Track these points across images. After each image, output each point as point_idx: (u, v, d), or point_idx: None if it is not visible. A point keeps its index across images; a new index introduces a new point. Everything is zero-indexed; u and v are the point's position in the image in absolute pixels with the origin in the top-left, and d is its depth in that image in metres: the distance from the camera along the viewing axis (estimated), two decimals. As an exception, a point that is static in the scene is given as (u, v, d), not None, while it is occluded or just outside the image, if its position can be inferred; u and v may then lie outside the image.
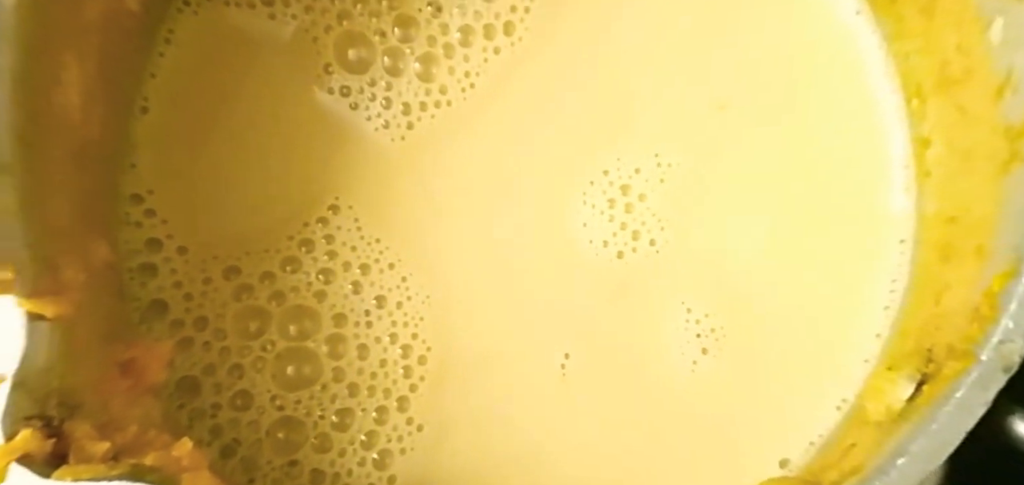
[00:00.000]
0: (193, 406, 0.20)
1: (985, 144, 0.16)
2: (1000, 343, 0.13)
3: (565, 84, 0.22)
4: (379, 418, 0.20)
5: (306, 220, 0.21)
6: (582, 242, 0.21)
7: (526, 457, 0.20)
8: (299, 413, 0.20)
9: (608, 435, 0.20)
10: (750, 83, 0.22)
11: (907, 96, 0.20)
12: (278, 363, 0.20)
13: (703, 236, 0.21)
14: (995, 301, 0.14)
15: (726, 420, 0.20)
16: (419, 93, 0.22)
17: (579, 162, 0.21)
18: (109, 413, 0.15)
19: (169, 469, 0.14)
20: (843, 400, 0.19)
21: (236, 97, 0.22)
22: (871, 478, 0.13)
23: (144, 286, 0.21)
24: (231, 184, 0.21)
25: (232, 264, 0.21)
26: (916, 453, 0.13)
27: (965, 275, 0.16)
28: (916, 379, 0.15)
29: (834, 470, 0.15)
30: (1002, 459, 0.14)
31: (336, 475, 0.20)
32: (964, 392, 0.13)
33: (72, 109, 0.17)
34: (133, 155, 0.21)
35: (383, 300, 0.21)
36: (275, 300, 0.21)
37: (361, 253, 0.21)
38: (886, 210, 0.20)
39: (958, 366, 0.13)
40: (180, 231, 0.21)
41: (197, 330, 0.21)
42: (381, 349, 0.20)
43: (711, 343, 0.20)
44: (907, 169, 0.20)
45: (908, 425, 0.14)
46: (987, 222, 0.15)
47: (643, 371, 0.20)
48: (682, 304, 0.21)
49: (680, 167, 0.21)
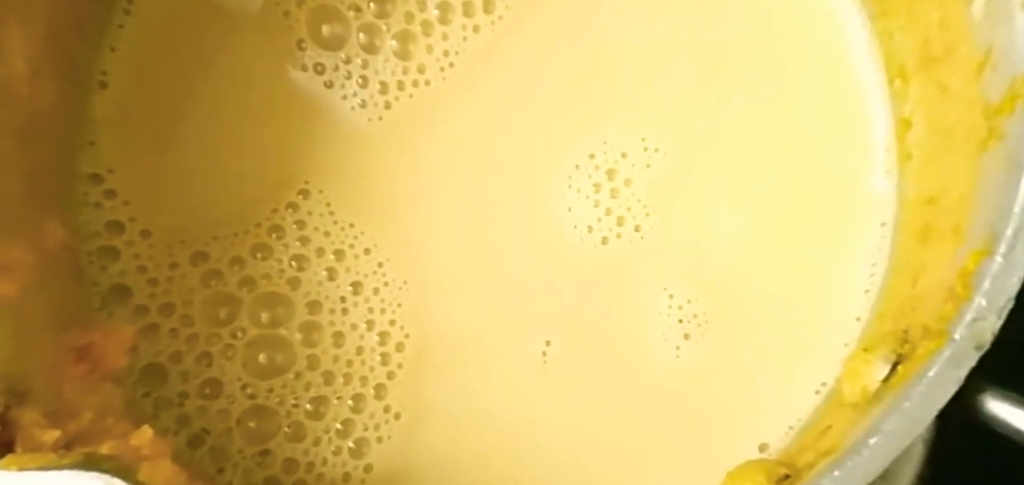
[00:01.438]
0: (159, 395, 0.19)
1: (964, 123, 0.16)
2: (973, 321, 0.13)
3: (548, 64, 0.21)
4: (355, 406, 0.20)
5: (275, 206, 0.20)
6: (567, 227, 0.21)
7: (507, 444, 0.20)
8: (272, 402, 0.20)
9: (588, 421, 0.20)
10: (736, 66, 0.21)
11: (890, 76, 0.20)
12: (249, 351, 0.20)
13: (687, 222, 0.21)
14: (969, 280, 0.14)
15: (706, 405, 0.20)
16: (396, 72, 0.21)
17: (564, 145, 0.21)
18: (61, 400, 0.14)
19: (127, 458, 0.13)
20: (822, 384, 0.19)
21: (203, 74, 0.21)
22: (844, 458, 0.13)
23: (105, 270, 0.20)
24: (198, 165, 0.21)
25: (200, 249, 0.20)
26: (888, 432, 0.13)
27: (942, 256, 0.16)
28: (891, 360, 0.15)
29: (810, 451, 0.15)
30: (979, 439, 0.14)
31: (310, 464, 0.19)
32: (937, 371, 0.13)
33: (18, 79, 0.16)
34: (92, 132, 0.20)
35: (359, 286, 0.20)
36: (246, 286, 0.20)
37: (335, 238, 0.20)
38: (868, 194, 0.20)
39: (932, 345, 0.14)
40: (143, 213, 0.20)
41: (163, 316, 0.20)
42: (358, 336, 0.20)
43: (693, 329, 0.20)
44: (889, 152, 0.20)
45: (882, 405, 0.14)
46: (965, 202, 0.15)
47: (625, 357, 0.20)
48: (665, 290, 0.21)
49: (667, 153, 0.21)
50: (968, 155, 0.16)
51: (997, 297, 0.13)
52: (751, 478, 0.15)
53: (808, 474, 0.14)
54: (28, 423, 0.12)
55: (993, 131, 0.15)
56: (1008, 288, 0.13)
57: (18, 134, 0.16)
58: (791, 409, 0.19)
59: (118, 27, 0.21)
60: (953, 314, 0.14)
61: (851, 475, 0.13)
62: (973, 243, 0.15)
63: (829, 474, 0.13)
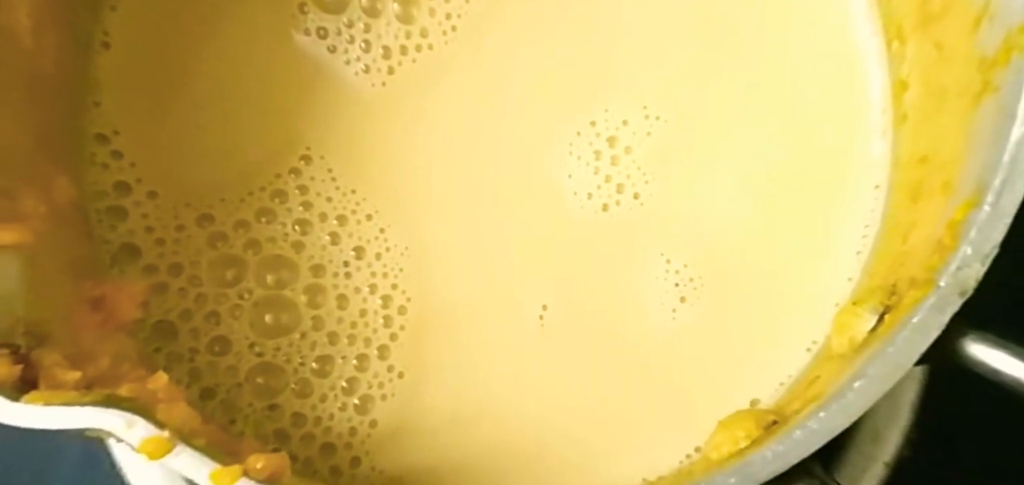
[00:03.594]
0: (170, 350, 0.20)
1: (959, 80, 0.16)
2: (958, 269, 0.14)
3: (551, 30, 0.21)
4: (359, 365, 0.20)
5: (278, 171, 0.20)
6: (567, 194, 0.21)
7: (505, 404, 0.20)
8: (278, 359, 0.20)
9: (585, 382, 0.20)
10: (736, 33, 0.21)
11: (888, 38, 0.20)
12: (256, 311, 0.20)
13: (686, 189, 0.21)
14: (957, 230, 0.14)
15: (700, 365, 0.20)
16: (399, 36, 0.21)
17: (565, 112, 0.21)
18: (79, 346, 0.14)
19: (144, 399, 0.13)
20: (813, 342, 0.20)
21: (205, 36, 0.21)
22: (829, 402, 0.13)
23: (114, 229, 0.20)
24: (201, 129, 0.21)
25: (206, 211, 0.20)
26: (872, 375, 0.13)
27: (932, 212, 0.16)
28: (879, 311, 0.15)
29: (798, 400, 0.16)
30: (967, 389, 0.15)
31: (317, 418, 0.20)
32: (921, 316, 0.13)
33: (22, 32, 0.16)
34: (96, 93, 0.20)
35: (362, 251, 0.21)
36: (251, 249, 0.20)
37: (337, 204, 0.21)
38: (863, 156, 0.20)
39: (918, 294, 0.14)
40: (149, 175, 0.20)
41: (172, 276, 0.20)
42: (361, 299, 0.20)
43: (689, 292, 0.21)
44: (885, 114, 0.20)
45: (868, 352, 0.14)
46: (956, 159, 0.16)
47: (622, 320, 0.21)
48: (662, 256, 0.21)
49: (667, 121, 0.21)
50: (961, 112, 0.16)
51: (983, 244, 0.14)
52: (741, 425, 0.16)
53: (795, 419, 0.14)
54: (50, 364, 0.13)
55: (987, 84, 0.15)
56: (994, 236, 0.14)
57: (26, 87, 0.16)
58: (782, 367, 0.20)
59: (118, -13, 0.20)
60: (940, 264, 0.14)
61: (835, 416, 0.13)
62: (962, 196, 0.15)
63: (814, 415, 0.13)
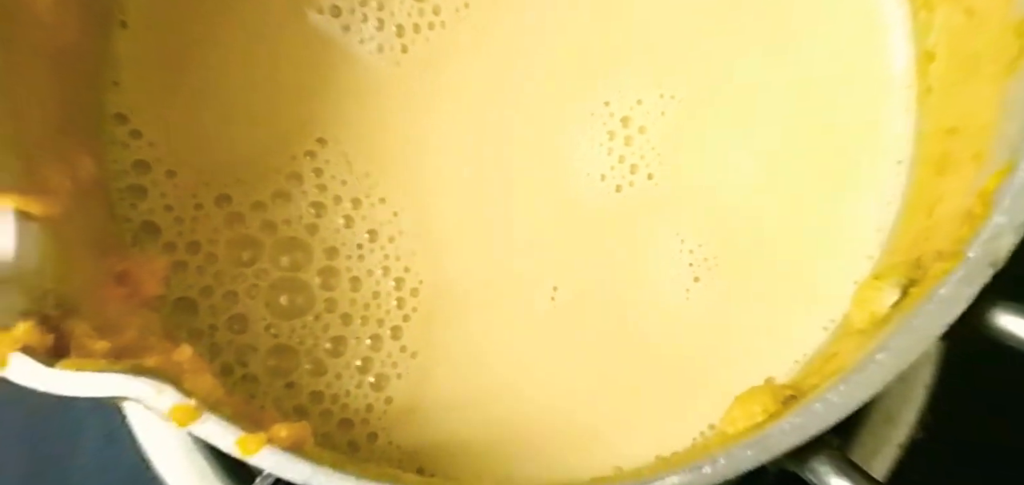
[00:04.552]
0: (191, 326, 0.20)
1: (992, 46, 0.15)
2: (989, 239, 0.13)
3: (565, 9, 0.21)
4: (373, 345, 0.20)
5: (293, 153, 0.21)
6: (580, 174, 0.21)
7: (519, 384, 0.20)
8: (293, 341, 0.20)
9: (598, 362, 0.20)
10: (753, 10, 0.21)
11: (914, 8, 0.20)
12: (272, 292, 0.20)
13: (701, 168, 0.21)
14: (989, 199, 0.14)
15: (714, 345, 0.20)
16: (412, 13, 0.21)
17: (579, 92, 0.21)
18: (106, 318, 0.15)
19: (171, 371, 0.14)
20: (831, 320, 0.20)
21: (220, 17, 0.21)
22: (850, 375, 0.13)
23: (135, 207, 0.20)
24: (217, 108, 0.21)
25: (223, 191, 0.21)
26: (896, 348, 0.13)
27: (960, 184, 0.16)
28: (903, 285, 0.15)
29: (816, 375, 0.16)
30: (989, 368, 0.14)
31: (334, 396, 0.20)
32: (948, 289, 0.13)
33: (44, 8, 0.16)
34: (115, 72, 0.20)
35: (375, 234, 0.21)
36: (267, 230, 0.20)
37: (352, 187, 0.21)
38: (886, 132, 0.20)
39: (945, 266, 0.13)
40: (167, 154, 0.20)
41: (190, 254, 0.20)
42: (374, 281, 0.20)
43: (703, 272, 0.21)
44: (909, 89, 0.20)
45: (890, 325, 0.14)
46: (988, 128, 0.15)
47: (634, 301, 0.21)
48: (677, 235, 0.21)
49: (682, 99, 0.21)
50: (994, 78, 0.15)
51: (1017, 213, 0.13)
52: (758, 400, 0.15)
53: (813, 392, 0.14)
54: (80, 334, 0.13)
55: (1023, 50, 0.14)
56: None
57: (49, 63, 0.16)
58: (799, 345, 0.20)
59: (135, -34, 0.21)
60: (969, 235, 0.13)
61: (855, 390, 0.13)
62: (994, 165, 0.14)
63: (834, 388, 0.13)
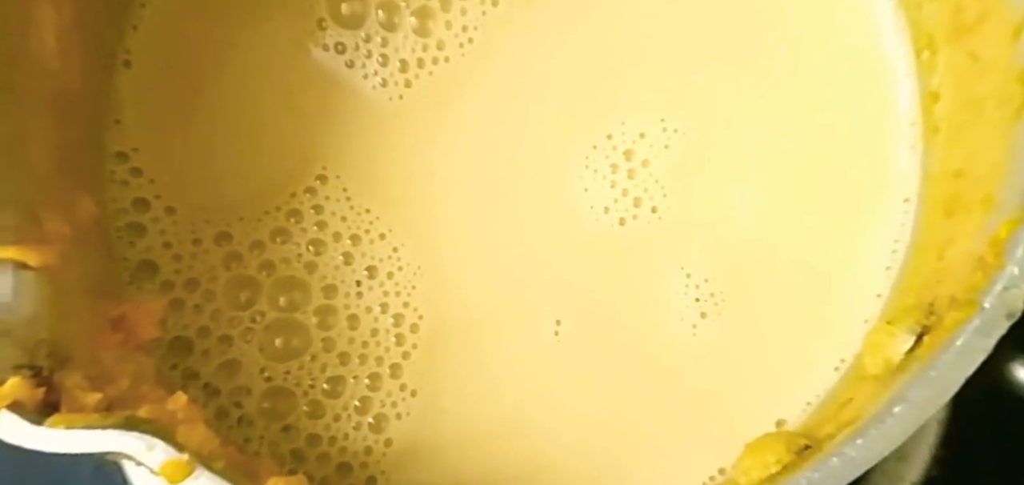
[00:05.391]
0: (186, 366, 0.20)
1: (997, 92, 0.16)
2: (1004, 290, 0.13)
3: (567, 41, 0.21)
4: (372, 385, 0.20)
5: (293, 190, 0.20)
6: (583, 208, 0.21)
7: (523, 421, 0.20)
8: (289, 383, 0.20)
9: (603, 398, 0.20)
10: (757, 43, 0.21)
11: (917, 49, 0.20)
12: (266, 335, 0.20)
13: (706, 202, 0.21)
14: (1001, 248, 0.14)
15: (722, 383, 0.20)
16: (416, 49, 0.21)
17: (582, 125, 0.21)
18: (100, 367, 0.14)
19: (164, 421, 0.13)
20: (841, 361, 0.19)
21: (225, 54, 0.21)
22: (867, 426, 0.13)
23: (133, 246, 0.20)
24: (220, 145, 0.21)
25: (224, 230, 0.20)
26: (914, 400, 0.13)
27: (970, 227, 0.16)
28: (916, 332, 0.15)
29: (830, 423, 0.15)
30: (1003, 405, 0.14)
31: (332, 438, 0.20)
32: (965, 339, 0.13)
33: (49, 54, 0.16)
34: (117, 111, 0.20)
35: (374, 270, 0.20)
36: (265, 270, 0.20)
37: (351, 223, 0.21)
38: (891, 169, 0.20)
39: (960, 315, 0.13)
40: (167, 191, 0.20)
41: (188, 292, 0.20)
42: (372, 319, 0.20)
43: (710, 307, 0.20)
44: (914, 126, 0.20)
45: (906, 375, 0.14)
46: (996, 172, 0.15)
47: (640, 336, 0.20)
48: (682, 270, 0.21)
49: (685, 133, 0.21)
50: (1000, 124, 0.15)
51: None
52: (771, 449, 0.15)
53: (829, 444, 0.14)
54: (71, 386, 0.13)
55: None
56: None
57: (52, 108, 0.16)
58: (809, 386, 0.19)
59: (140, 6, 0.21)
60: (983, 283, 0.13)
61: (874, 443, 0.13)
62: (1005, 212, 0.14)
63: (852, 442, 0.13)
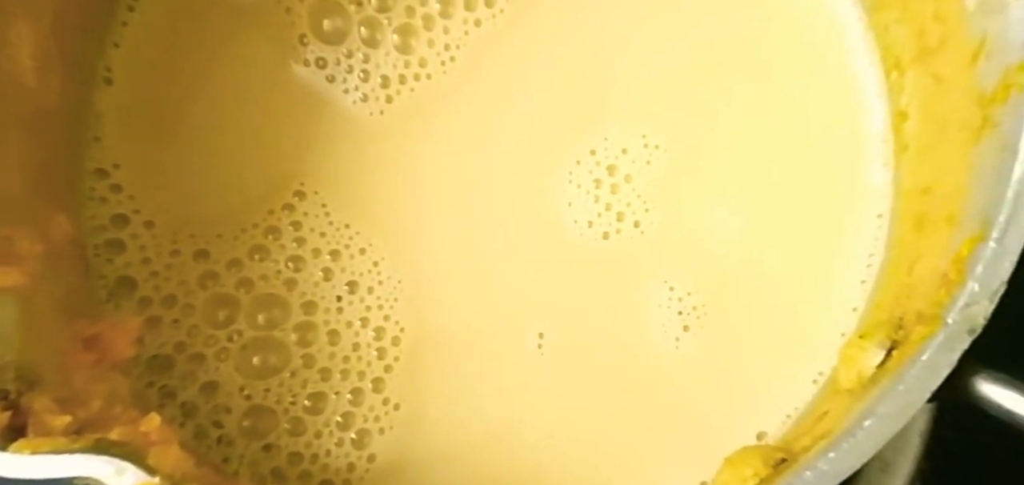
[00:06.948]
0: (163, 384, 0.19)
1: (959, 113, 0.16)
2: (966, 306, 0.13)
3: (549, 59, 0.22)
4: (354, 400, 0.20)
5: (272, 207, 0.20)
6: (567, 222, 0.21)
7: (506, 434, 0.20)
8: (269, 401, 0.20)
9: (586, 411, 0.20)
10: (735, 61, 0.22)
11: (886, 69, 0.20)
12: (243, 354, 0.20)
13: (687, 217, 0.21)
14: (963, 266, 0.14)
15: (704, 396, 0.20)
16: (398, 65, 0.22)
17: (565, 141, 0.21)
18: (71, 388, 0.14)
19: (136, 443, 0.13)
20: (820, 373, 0.20)
21: (206, 70, 0.21)
22: (839, 440, 0.13)
23: (111, 263, 0.20)
24: (201, 161, 0.21)
25: (202, 247, 0.20)
26: (883, 414, 0.13)
27: (937, 244, 0.16)
28: (886, 346, 0.15)
29: (806, 436, 0.16)
30: (975, 423, 0.14)
31: (314, 456, 0.20)
32: (930, 354, 0.13)
33: (24, 73, 0.16)
34: (97, 128, 0.20)
35: (355, 285, 0.20)
36: (243, 288, 0.20)
37: (331, 239, 0.21)
38: (864, 185, 0.20)
39: (926, 330, 0.14)
40: (147, 207, 0.20)
41: (165, 308, 0.20)
42: (353, 333, 0.20)
43: (693, 321, 0.20)
44: (885, 144, 0.20)
45: (877, 389, 0.14)
46: (959, 191, 0.16)
47: (623, 349, 0.20)
48: (665, 283, 0.21)
49: (667, 149, 0.21)
50: (962, 144, 0.16)
51: (990, 281, 0.14)
52: (748, 463, 0.15)
53: (804, 457, 0.14)
54: (39, 409, 0.12)
55: (987, 120, 0.15)
56: (1000, 272, 0.14)
57: (27, 127, 0.16)
58: (789, 399, 0.20)
59: (122, 24, 0.21)
60: (946, 299, 0.14)
61: (846, 456, 0.13)
62: (967, 230, 0.15)
63: (824, 456, 0.13)
